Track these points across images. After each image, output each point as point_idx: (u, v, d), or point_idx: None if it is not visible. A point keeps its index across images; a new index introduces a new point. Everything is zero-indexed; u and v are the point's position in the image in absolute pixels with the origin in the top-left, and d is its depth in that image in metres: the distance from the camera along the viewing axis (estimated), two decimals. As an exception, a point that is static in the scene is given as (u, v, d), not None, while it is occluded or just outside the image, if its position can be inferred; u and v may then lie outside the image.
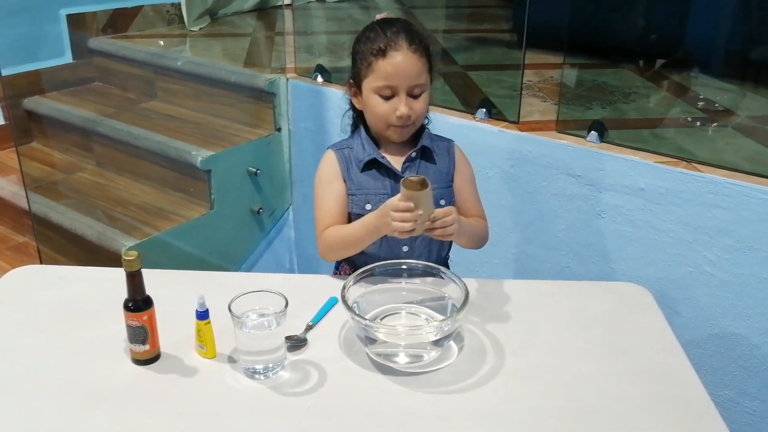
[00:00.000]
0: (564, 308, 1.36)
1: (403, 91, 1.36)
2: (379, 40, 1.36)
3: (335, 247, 1.42)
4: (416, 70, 1.36)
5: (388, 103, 1.37)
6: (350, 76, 1.44)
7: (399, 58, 1.35)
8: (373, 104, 1.39)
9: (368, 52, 1.37)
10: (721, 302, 1.82)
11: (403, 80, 1.36)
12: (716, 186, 1.76)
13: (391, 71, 1.35)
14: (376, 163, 1.42)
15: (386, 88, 1.36)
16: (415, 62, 1.36)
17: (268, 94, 2.59)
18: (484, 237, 1.49)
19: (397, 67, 1.35)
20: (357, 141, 1.45)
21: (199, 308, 1.16)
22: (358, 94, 1.43)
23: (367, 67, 1.37)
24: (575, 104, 2.34)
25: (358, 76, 1.41)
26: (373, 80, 1.37)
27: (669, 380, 1.17)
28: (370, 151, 1.42)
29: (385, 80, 1.36)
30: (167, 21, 3.39)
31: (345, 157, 1.44)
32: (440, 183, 1.43)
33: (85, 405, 1.09)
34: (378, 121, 1.40)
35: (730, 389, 1.88)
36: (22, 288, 1.41)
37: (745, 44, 2.64)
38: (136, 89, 3.02)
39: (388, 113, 1.37)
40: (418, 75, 1.37)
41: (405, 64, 1.35)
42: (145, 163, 2.60)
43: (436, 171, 1.44)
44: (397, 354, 1.18)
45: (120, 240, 2.23)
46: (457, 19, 3.63)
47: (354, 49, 1.42)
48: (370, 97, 1.39)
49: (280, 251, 2.81)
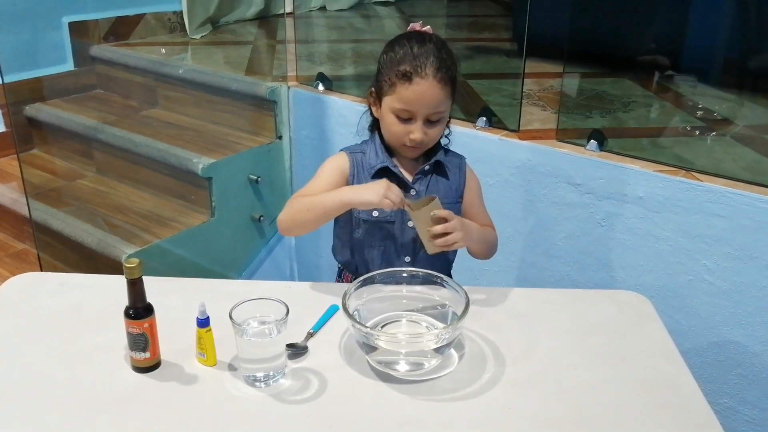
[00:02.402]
0: (564, 316, 1.36)
1: (421, 118, 1.34)
2: (407, 61, 1.32)
3: (299, 213, 1.37)
4: (438, 99, 1.33)
5: (404, 124, 1.35)
6: (373, 84, 1.41)
7: (423, 86, 1.31)
8: (390, 122, 1.37)
9: (393, 71, 1.33)
10: (721, 310, 1.82)
11: (423, 108, 1.33)
12: (715, 195, 1.76)
13: (412, 98, 1.32)
14: (388, 171, 1.41)
15: (405, 111, 1.34)
16: (439, 92, 1.32)
17: (270, 102, 2.60)
18: (494, 243, 1.49)
19: (419, 95, 1.32)
20: (371, 147, 1.44)
21: (199, 316, 1.16)
22: (377, 104, 1.40)
23: (389, 86, 1.34)
24: (575, 113, 2.35)
25: (380, 88, 1.38)
26: (392, 100, 1.35)
27: (668, 388, 1.17)
28: (383, 159, 1.41)
29: (404, 105, 1.33)
30: (169, 29, 3.41)
31: (357, 162, 1.43)
32: (450, 198, 1.43)
33: (85, 412, 1.09)
34: (391, 137, 1.39)
35: (730, 397, 1.88)
36: (23, 295, 1.41)
37: (744, 53, 2.66)
38: (138, 97, 3.03)
39: (402, 134, 1.36)
40: (438, 104, 1.34)
41: (428, 93, 1.32)
42: (146, 171, 2.61)
43: (447, 187, 1.44)
44: (397, 362, 1.18)
45: (120, 247, 2.24)
46: (458, 28, 3.64)
47: (380, 59, 1.39)
48: (387, 114, 1.37)
49: (281, 259, 2.81)
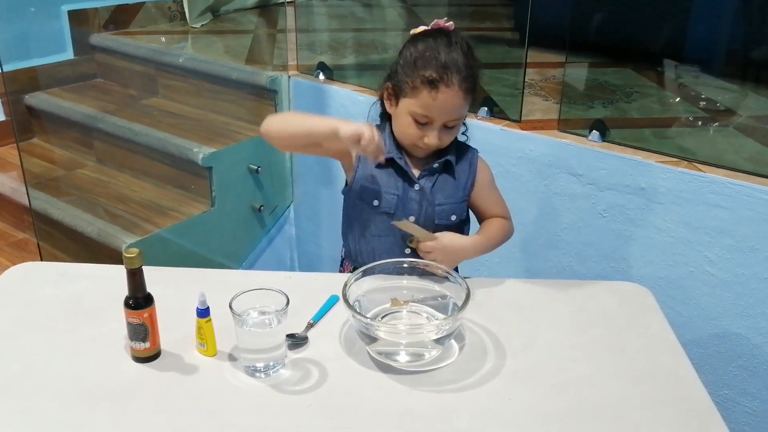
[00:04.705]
0: (565, 307, 1.36)
1: (439, 124, 1.33)
2: (433, 66, 1.28)
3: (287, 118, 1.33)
4: (459, 107, 1.32)
5: (420, 128, 1.33)
6: (389, 79, 1.37)
7: (448, 95, 1.29)
8: (405, 123, 1.35)
9: (417, 75, 1.30)
10: (722, 302, 1.82)
11: (443, 116, 1.31)
12: (717, 186, 1.76)
13: (434, 106, 1.30)
14: (395, 163, 1.39)
15: (424, 117, 1.32)
16: (461, 100, 1.31)
17: (270, 91, 2.59)
18: (504, 239, 1.47)
19: (442, 103, 1.30)
20: (380, 135, 1.40)
21: (199, 306, 1.16)
22: (392, 101, 1.37)
23: (411, 88, 1.31)
24: (577, 103, 2.34)
25: (398, 87, 1.34)
26: (413, 104, 1.32)
27: (669, 380, 1.17)
28: (391, 150, 1.39)
29: (425, 111, 1.31)
30: (169, 17, 3.39)
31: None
32: (455, 198, 1.42)
33: (85, 402, 1.09)
34: (404, 137, 1.37)
35: (731, 389, 1.88)
36: (22, 285, 1.41)
37: (747, 44, 2.64)
38: (138, 86, 3.02)
39: (416, 137, 1.34)
40: (459, 112, 1.33)
41: (451, 102, 1.30)
42: (146, 160, 2.60)
43: (454, 186, 1.42)
44: (398, 353, 1.18)
45: (121, 237, 2.23)
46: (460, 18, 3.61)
47: (404, 55, 1.35)
48: (404, 115, 1.34)
49: (281, 249, 2.81)
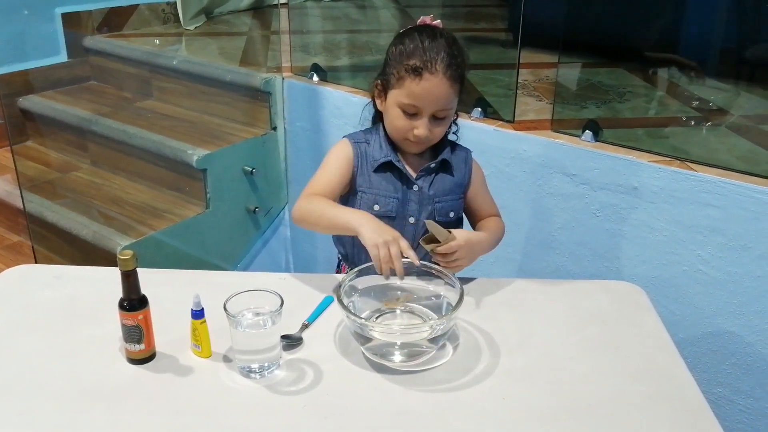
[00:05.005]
0: (559, 307, 1.37)
1: (427, 114, 1.33)
2: (417, 56, 1.30)
3: (312, 214, 1.34)
4: (447, 97, 1.32)
5: (409, 119, 1.34)
6: (378, 76, 1.39)
7: (432, 83, 1.29)
8: (394, 116, 1.35)
9: (402, 65, 1.31)
10: (715, 300, 1.83)
11: (430, 104, 1.32)
12: (710, 185, 1.77)
13: (420, 93, 1.30)
14: (391, 165, 1.39)
15: (411, 106, 1.32)
16: (447, 89, 1.31)
17: (264, 93, 2.59)
18: (501, 237, 1.49)
19: (427, 91, 1.30)
20: (375, 138, 1.42)
21: (194, 307, 1.16)
22: (382, 97, 1.38)
23: (397, 80, 1.32)
24: (570, 103, 2.35)
25: (386, 81, 1.36)
26: (399, 95, 1.33)
27: (663, 378, 1.18)
28: (387, 153, 1.39)
29: (412, 100, 1.31)
30: (163, 20, 3.39)
31: (361, 153, 1.41)
32: (454, 195, 1.43)
33: (80, 404, 1.09)
34: (394, 131, 1.38)
35: (724, 387, 1.89)
36: (17, 287, 1.41)
37: (740, 44, 2.65)
38: (132, 88, 3.01)
39: (406, 129, 1.35)
40: (446, 101, 1.33)
41: (437, 90, 1.30)
42: (141, 162, 2.60)
43: (452, 184, 1.43)
44: (392, 353, 1.18)
45: (115, 239, 2.23)
46: (453, 18, 3.62)
47: (389, 51, 1.36)
48: (393, 107, 1.35)
49: (276, 250, 2.81)
